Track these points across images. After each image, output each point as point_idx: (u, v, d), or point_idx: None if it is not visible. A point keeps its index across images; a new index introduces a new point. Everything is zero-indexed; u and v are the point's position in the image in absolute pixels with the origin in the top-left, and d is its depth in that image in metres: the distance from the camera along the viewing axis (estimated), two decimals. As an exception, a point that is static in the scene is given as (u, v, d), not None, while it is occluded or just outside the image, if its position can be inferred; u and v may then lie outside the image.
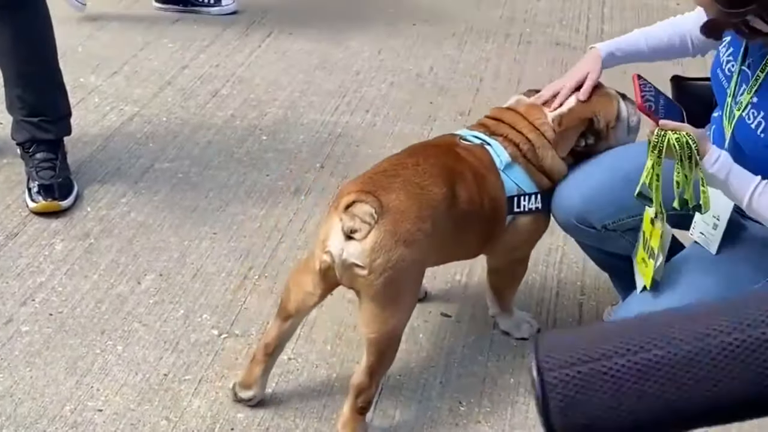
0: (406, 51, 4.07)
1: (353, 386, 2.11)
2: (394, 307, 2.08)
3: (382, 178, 2.10)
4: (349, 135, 3.40)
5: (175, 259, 2.70)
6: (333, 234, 2.03)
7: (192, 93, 3.62)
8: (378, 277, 2.01)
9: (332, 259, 2.03)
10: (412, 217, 2.05)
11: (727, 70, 2.19)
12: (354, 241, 2.01)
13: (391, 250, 2.01)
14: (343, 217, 2.01)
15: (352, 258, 2.01)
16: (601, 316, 2.58)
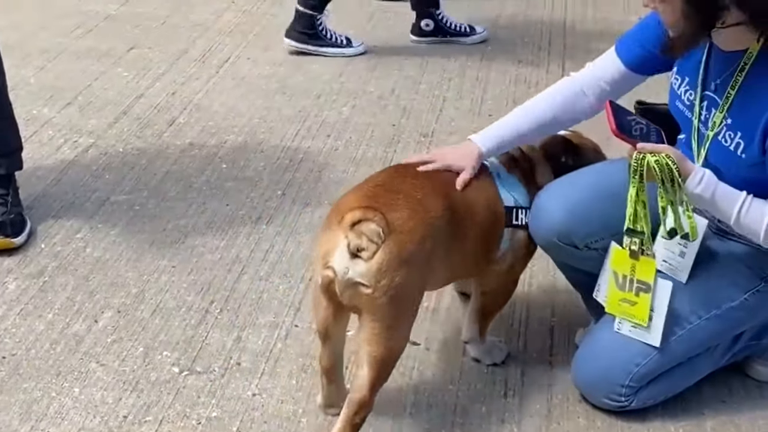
0: (367, 73, 4.01)
1: (353, 402, 2.06)
2: (396, 325, 2.06)
3: (384, 193, 2.08)
4: (310, 160, 3.32)
5: (133, 295, 2.61)
6: (337, 251, 2.00)
7: (148, 122, 3.53)
8: (381, 297, 2.00)
9: (334, 275, 2.01)
10: (417, 237, 2.04)
11: (686, 99, 2.16)
12: (360, 260, 1.98)
13: (396, 270, 2.00)
14: (349, 235, 1.98)
15: (357, 277, 1.99)
16: (573, 340, 2.51)
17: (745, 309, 2.17)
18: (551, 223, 2.21)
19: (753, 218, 2.04)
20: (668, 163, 2.02)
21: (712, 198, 2.05)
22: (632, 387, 2.20)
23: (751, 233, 2.07)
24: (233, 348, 2.43)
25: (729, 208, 2.06)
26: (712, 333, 2.19)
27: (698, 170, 2.06)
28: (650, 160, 2.02)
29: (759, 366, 2.39)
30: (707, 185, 2.05)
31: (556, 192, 2.24)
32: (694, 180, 2.05)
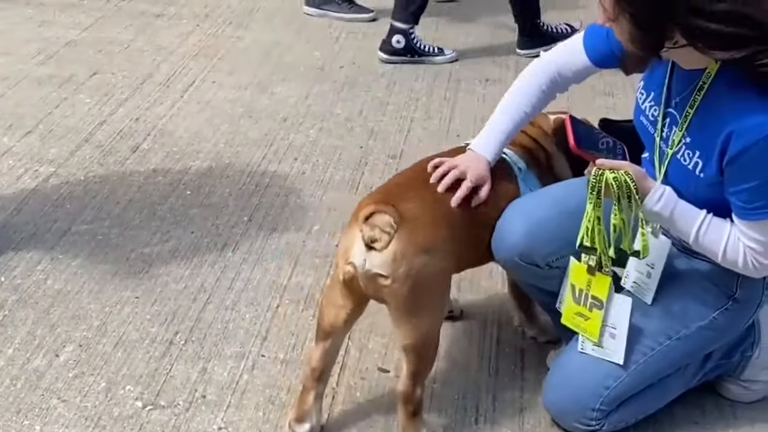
0: (334, 95, 3.98)
1: (400, 395, 2.13)
2: (422, 312, 2.09)
3: (398, 190, 2.16)
4: (277, 185, 3.28)
5: (95, 328, 2.55)
6: (354, 245, 2.05)
7: (111, 149, 3.48)
8: (402, 285, 2.04)
9: (355, 270, 2.06)
10: (429, 223, 2.09)
11: (651, 115, 2.14)
12: (375, 251, 2.03)
13: (413, 257, 2.04)
14: (363, 228, 2.04)
15: (375, 268, 2.04)
16: (544, 362, 2.48)
17: (714, 328, 2.15)
18: (512, 242, 2.18)
19: (712, 238, 2.02)
20: (626, 180, 2.00)
21: (671, 216, 2.04)
22: (603, 410, 2.17)
23: (709, 253, 2.05)
24: (198, 380, 2.38)
25: (688, 227, 2.04)
26: (682, 353, 2.16)
27: (658, 188, 2.04)
28: (609, 176, 2.00)
29: (731, 385, 2.36)
30: (666, 203, 2.03)
31: (517, 211, 2.21)
32: (653, 198, 2.03)
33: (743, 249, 2.01)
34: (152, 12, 4.81)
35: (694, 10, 1.83)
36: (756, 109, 1.89)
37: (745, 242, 2.00)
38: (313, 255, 2.91)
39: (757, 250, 2.00)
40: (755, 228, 1.98)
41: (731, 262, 2.04)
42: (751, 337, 2.31)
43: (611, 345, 2.13)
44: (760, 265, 2.02)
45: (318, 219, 3.09)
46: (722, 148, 1.94)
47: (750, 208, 1.96)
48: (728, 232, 2.02)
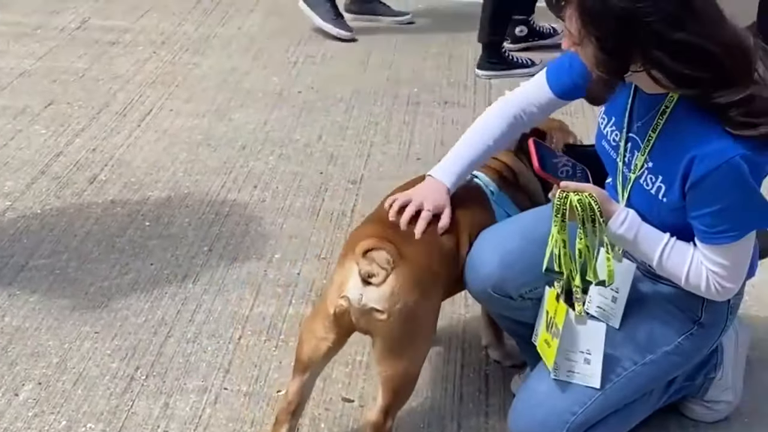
0: (293, 120, 3.97)
1: (371, 425, 2.13)
2: (410, 349, 2.12)
3: (391, 224, 2.17)
4: (237, 213, 3.26)
5: (54, 365, 2.51)
6: (350, 279, 2.07)
7: (68, 181, 3.44)
8: (396, 321, 2.06)
9: (349, 304, 2.07)
10: (426, 261, 2.12)
11: (612, 140, 2.15)
12: (372, 286, 2.05)
13: (408, 294, 2.07)
14: (360, 262, 2.05)
15: (371, 303, 2.05)
16: (509, 387, 2.48)
17: (680, 353, 2.16)
18: (484, 274, 2.18)
19: (675, 261, 2.03)
20: (591, 203, 2.01)
21: (635, 239, 2.04)
22: (570, 436, 2.17)
23: (673, 276, 2.06)
24: (160, 416, 2.35)
25: (651, 250, 2.05)
26: (648, 378, 2.17)
27: (622, 211, 2.05)
28: (573, 198, 2.01)
29: (694, 405, 2.38)
30: (630, 226, 2.04)
31: (488, 242, 2.21)
32: (617, 221, 2.04)
33: (706, 273, 2.02)
34: (107, 40, 4.78)
35: (656, 34, 1.85)
36: (718, 133, 1.90)
37: (707, 266, 2.01)
38: (275, 284, 2.89)
39: (720, 274, 2.01)
40: (718, 252, 1.99)
41: (694, 285, 2.05)
42: (714, 359, 2.33)
43: (587, 370, 2.12)
44: (723, 289, 2.03)
45: (279, 247, 3.08)
46: (684, 172, 1.96)
47: (712, 232, 1.97)
48: (691, 256, 2.03)
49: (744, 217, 1.96)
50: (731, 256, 1.99)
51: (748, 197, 1.93)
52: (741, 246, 1.99)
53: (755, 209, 1.96)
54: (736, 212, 1.95)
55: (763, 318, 2.78)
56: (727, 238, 1.97)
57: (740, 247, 1.99)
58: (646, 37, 1.85)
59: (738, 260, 2.01)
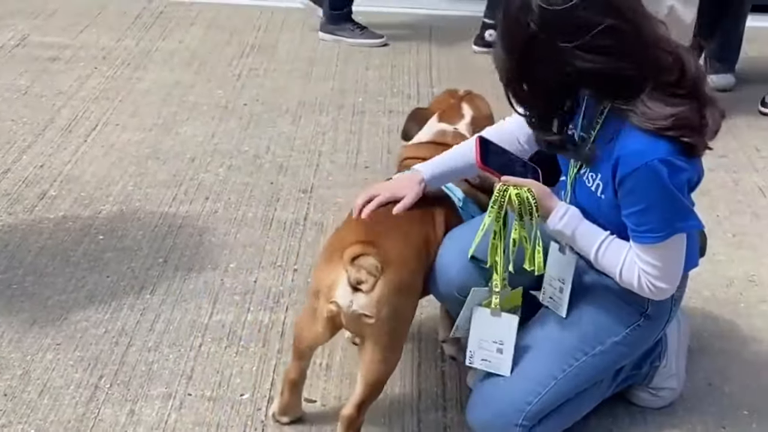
0: (241, 132, 4.03)
1: (345, 419, 2.25)
2: (395, 347, 2.26)
3: (375, 227, 2.25)
4: (190, 225, 3.31)
5: (18, 377, 2.54)
6: (339, 285, 2.15)
7: (18, 197, 3.45)
8: (384, 325, 2.17)
9: (338, 309, 2.16)
10: (410, 266, 2.23)
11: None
12: (361, 293, 2.14)
13: (395, 298, 2.17)
14: (349, 270, 2.13)
15: (361, 309, 2.15)
16: (465, 382, 2.57)
17: (628, 344, 2.27)
18: (449, 277, 2.28)
19: (610, 259, 2.15)
20: (528, 197, 2.12)
21: (573, 235, 2.16)
22: (525, 426, 2.26)
23: (608, 273, 2.17)
24: (127, 422, 2.40)
25: (588, 246, 2.16)
26: (598, 368, 2.28)
27: (562, 207, 2.17)
28: (512, 192, 2.12)
29: (641, 393, 2.50)
30: (568, 222, 2.16)
31: (453, 246, 2.30)
32: (556, 216, 2.16)
33: (638, 271, 2.12)
34: (47, 56, 4.78)
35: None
36: (641, 136, 2.02)
37: (640, 265, 2.12)
38: (232, 292, 2.95)
39: (651, 273, 2.11)
40: (647, 251, 2.10)
41: (628, 283, 2.15)
42: (659, 348, 2.45)
43: (499, 359, 2.25)
44: (655, 288, 2.13)
45: (234, 257, 3.14)
46: (613, 171, 2.07)
47: (639, 231, 2.09)
48: (625, 255, 2.13)
49: (665, 218, 2.06)
50: (658, 256, 2.10)
51: (668, 200, 2.04)
52: (670, 247, 2.10)
53: (676, 212, 2.06)
54: (657, 213, 2.05)
55: (702, 310, 2.93)
56: (653, 239, 2.07)
57: (669, 248, 2.10)
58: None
59: (668, 261, 2.11)
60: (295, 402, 2.38)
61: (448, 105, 2.68)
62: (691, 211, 2.09)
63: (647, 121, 1.99)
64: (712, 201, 3.53)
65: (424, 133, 2.62)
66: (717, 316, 2.90)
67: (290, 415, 2.39)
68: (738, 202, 3.59)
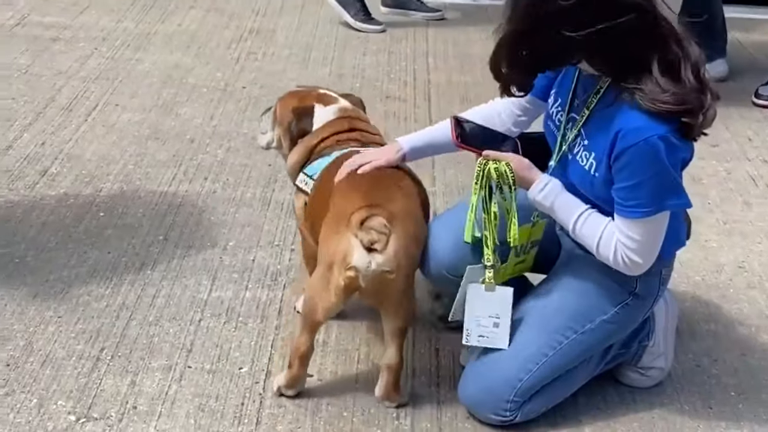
0: (239, 115, 4.08)
1: (389, 367, 2.38)
2: (412, 294, 2.39)
3: (374, 190, 2.35)
4: (189, 204, 3.36)
5: (21, 347, 2.59)
6: (354, 251, 2.24)
7: (20, 174, 3.50)
8: (403, 275, 2.30)
9: (358, 273, 2.25)
10: (414, 216, 2.35)
11: (557, 120, 2.32)
12: (377, 252, 2.23)
13: (407, 248, 2.29)
14: (359, 234, 2.22)
15: (380, 267, 2.25)
16: (458, 361, 2.63)
17: (616, 321, 2.34)
18: (440, 257, 2.34)
19: (588, 231, 2.22)
20: (506, 171, 2.20)
21: (552, 206, 2.23)
22: (516, 401, 2.33)
23: (586, 245, 2.25)
24: (128, 392, 2.45)
25: (567, 217, 2.24)
26: (587, 345, 2.34)
27: (543, 178, 2.24)
28: (491, 166, 2.20)
29: (630, 372, 2.56)
30: (548, 194, 2.23)
31: (443, 227, 2.37)
32: (536, 188, 2.23)
33: (615, 244, 2.19)
34: (47, 36, 4.82)
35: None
36: (642, 114, 2.09)
37: (619, 237, 2.18)
38: (231, 270, 3.00)
39: (629, 246, 2.18)
40: (629, 225, 2.17)
41: (604, 256, 2.22)
42: (647, 327, 2.51)
43: (496, 333, 2.31)
44: (631, 262, 2.20)
45: (233, 236, 3.19)
46: (611, 146, 2.14)
47: (626, 205, 2.16)
48: (604, 227, 2.21)
49: (656, 194, 2.13)
50: (641, 231, 2.16)
51: (662, 176, 2.11)
52: (652, 223, 2.17)
53: (667, 189, 2.14)
54: (649, 189, 2.12)
55: (692, 294, 2.99)
56: (639, 213, 2.14)
57: (652, 224, 2.17)
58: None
59: (648, 237, 2.18)
60: (303, 375, 2.44)
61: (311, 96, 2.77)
62: (683, 190, 2.16)
63: (650, 100, 2.05)
64: (704, 189, 3.60)
65: (322, 117, 2.70)
66: (706, 301, 2.97)
67: (297, 387, 2.45)
68: (730, 191, 3.65)
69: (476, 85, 4.41)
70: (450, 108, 4.19)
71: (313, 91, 2.81)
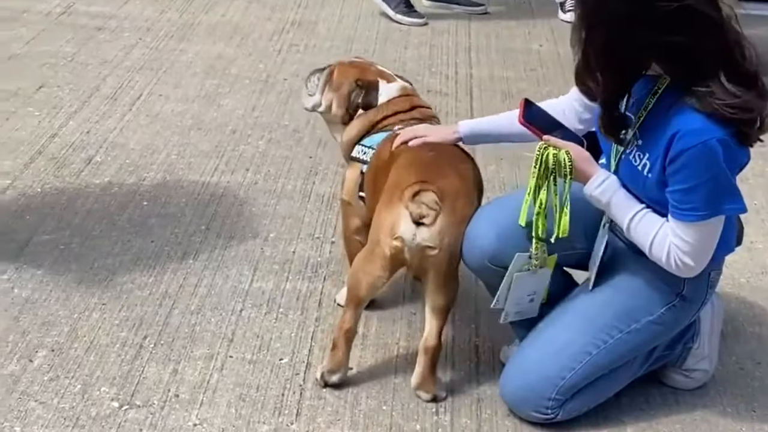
0: (281, 107, 4.09)
1: (428, 349, 2.39)
2: (454, 276, 2.40)
3: (429, 166, 2.39)
4: (231, 195, 3.38)
5: (66, 333, 2.62)
6: (402, 222, 2.30)
7: (65, 161, 3.53)
8: (445, 254, 2.33)
9: (403, 244, 2.30)
10: (465, 199, 2.38)
11: None
12: (424, 226, 2.29)
13: (454, 228, 2.33)
14: (410, 206, 2.28)
15: (425, 242, 2.30)
16: (498, 357, 2.63)
17: (662, 323, 2.32)
18: (482, 247, 2.32)
19: (642, 231, 2.20)
20: (565, 159, 2.18)
21: (608, 203, 2.22)
22: (558, 399, 2.32)
23: (639, 244, 2.23)
24: (170, 380, 2.47)
25: (622, 216, 2.22)
26: (632, 346, 2.33)
27: (602, 174, 2.22)
28: (550, 152, 2.18)
29: (674, 374, 2.54)
30: (605, 190, 2.21)
31: (486, 216, 2.35)
32: (594, 183, 2.21)
33: (669, 245, 2.17)
34: (93, 25, 4.86)
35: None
36: (701, 116, 2.07)
37: (672, 239, 2.17)
38: (272, 261, 3.01)
39: (681, 249, 2.16)
40: (683, 228, 2.15)
41: (657, 257, 2.20)
42: (693, 330, 2.49)
43: (530, 307, 2.37)
44: (683, 265, 2.18)
45: (274, 227, 3.20)
46: (666, 148, 2.12)
47: (681, 208, 2.14)
48: (658, 228, 2.19)
49: (712, 198, 2.11)
50: (696, 235, 2.14)
51: (718, 180, 2.09)
52: (707, 227, 2.15)
53: (723, 193, 2.12)
54: (705, 193, 2.10)
55: (737, 295, 2.97)
56: (694, 216, 2.12)
57: (706, 228, 2.15)
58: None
59: (702, 240, 2.16)
60: (346, 357, 2.45)
61: (371, 70, 2.80)
62: (739, 194, 2.14)
63: (712, 103, 2.04)
64: (750, 189, 3.55)
65: (386, 93, 2.73)
66: (751, 302, 2.94)
67: (340, 373, 2.45)
68: (776, 191, 3.62)
69: (519, 80, 4.39)
70: (492, 103, 4.18)
71: (371, 65, 2.83)
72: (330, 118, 2.81)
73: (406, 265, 2.37)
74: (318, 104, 2.81)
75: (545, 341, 2.33)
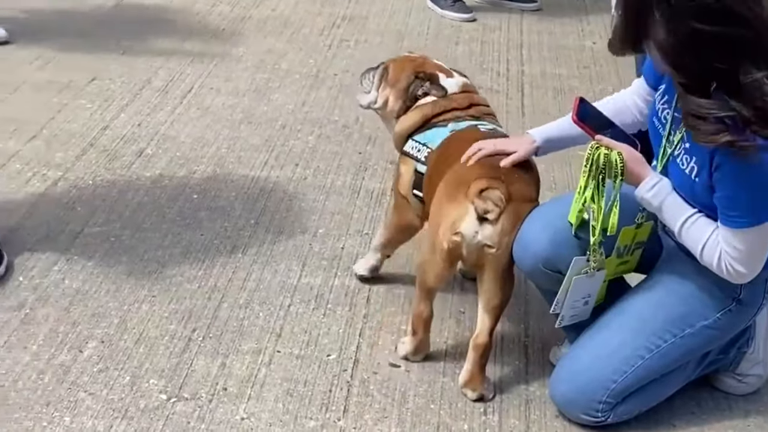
0: (331, 102, 4.08)
1: (478, 346, 2.40)
2: (511, 276, 2.40)
3: (495, 168, 2.38)
4: (280, 190, 3.38)
5: (115, 325, 2.64)
6: (466, 217, 2.31)
7: (116, 154, 3.56)
8: (503, 255, 2.33)
9: (463, 239, 2.31)
10: (528, 203, 2.37)
11: (663, 117, 2.26)
12: (487, 223, 2.30)
13: (514, 229, 2.32)
14: (476, 201, 2.28)
15: (485, 239, 2.31)
16: (548, 357, 2.60)
17: (717, 327, 2.28)
18: (536, 251, 2.30)
19: (694, 236, 2.16)
20: (617, 159, 2.15)
21: (660, 206, 2.18)
22: (609, 403, 2.29)
23: (691, 249, 2.19)
24: (218, 374, 2.48)
25: (674, 220, 2.18)
26: (686, 350, 2.29)
27: (654, 177, 2.18)
28: (602, 152, 2.15)
29: (726, 378, 2.50)
30: (658, 193, 2.18)
31: (539, 220, 2.33)
32: (646, 185, 2.18)
33: (720, 251, 2.13)
34: (145, 18, 4.88)
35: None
36: None
37: (723, 246, 2.13)
38: (320, 257, 3.01)
39: (732, 256, 2.13)
40: (732, 235, 2.11)
41: (708, 262, 2.17)
42: (747, 334, 2.45)
43: (584, 311, 2.34)
44: (734, 271, 2.14)
45: (322, 223, 3.20)
46: (712, 154, 2.07)
47: (728, 215, 2.10)
48: (710, 233, 2.15)
49: (758, 206, 2.07)
50: (745, 241, 2.11)
51: (765, 188, 2.04)
52: (757, 233, 2.10)
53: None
54: (751, 200, 2.06)
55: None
56: (741, 224, 2.08)
57: (756, 234, 2.10)
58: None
59: (752, 247, 2.12)
60: (427, 339, 2.53)
61: (429, 64, 2.81)
62: None
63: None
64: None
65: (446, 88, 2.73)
66: (805, 308, 2.88)
67: (422, 352, 2.54)
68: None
69: (571, 77, 4.35)
70: (543, 101, 4.15)
71: (427, 60, 2.84)
72: (385, 114, 2.80)
73: (462, 260, 2.38)
74: (374, 101, 2.80)
75: (597, 343, 2.30)
